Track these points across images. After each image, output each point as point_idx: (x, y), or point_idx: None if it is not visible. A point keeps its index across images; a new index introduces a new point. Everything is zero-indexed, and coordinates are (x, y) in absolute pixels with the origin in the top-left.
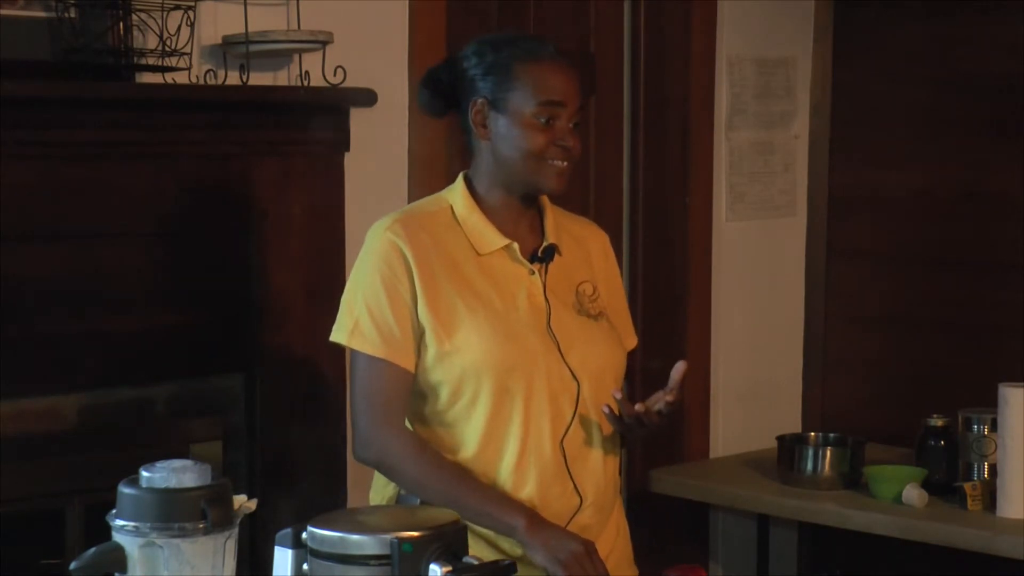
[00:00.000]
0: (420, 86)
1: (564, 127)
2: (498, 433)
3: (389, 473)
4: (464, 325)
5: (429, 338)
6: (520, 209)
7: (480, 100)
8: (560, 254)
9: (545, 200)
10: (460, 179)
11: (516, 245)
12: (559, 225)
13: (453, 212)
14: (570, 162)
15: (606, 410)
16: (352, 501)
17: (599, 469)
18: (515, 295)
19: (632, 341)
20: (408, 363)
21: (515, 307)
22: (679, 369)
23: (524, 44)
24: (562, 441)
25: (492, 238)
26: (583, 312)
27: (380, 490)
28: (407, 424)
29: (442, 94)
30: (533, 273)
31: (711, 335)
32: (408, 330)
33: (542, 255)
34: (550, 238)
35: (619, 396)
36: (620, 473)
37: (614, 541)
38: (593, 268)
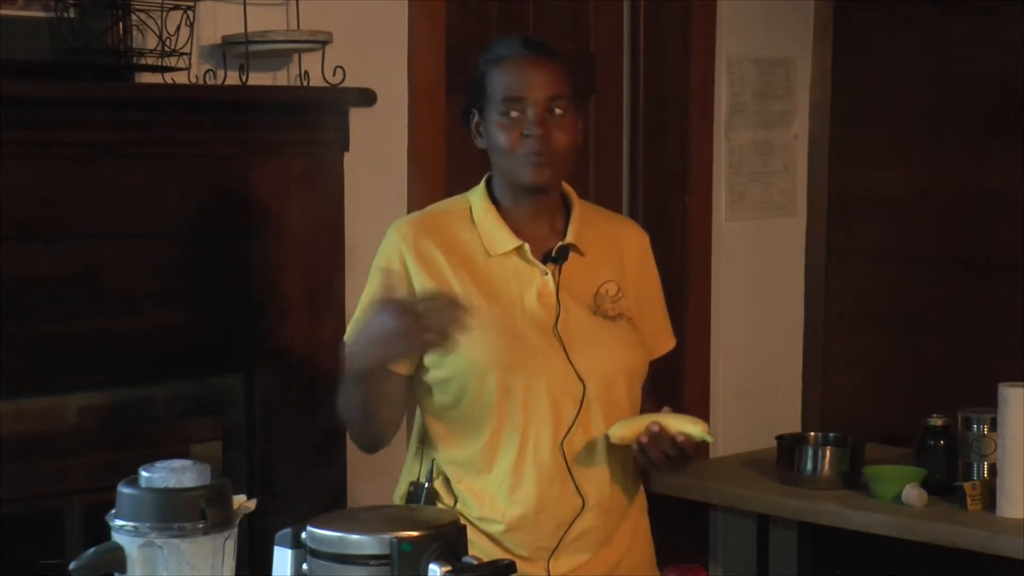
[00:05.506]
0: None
1: (529, 118)
2: (499, 431)
3: (350, 429)
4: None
5: None
6: (534, 208)
7: (476, 112)
8: (582, 254)
9: (575, 199)
10: (483, 181)
11: (527, 246)
12: (590, 224)
13: (471, 212)
14: (545, 152)
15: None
16: (352, 500)
17: (604, 473)
18: (523, 295)
19: (668, 343)
20: None
21: (522, 307)
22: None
23: (496, 49)
24: (562, 443)
25: (503, 240)
26: (599, 312)
27: (399, 488)
28: (418, 416)
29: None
30: (546, 273)
31: (711, 335)
32: None
33: (556, 255)
34: (570, 238)
35: (644, 440)
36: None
37: (629, 544)
38: (624, 268)
